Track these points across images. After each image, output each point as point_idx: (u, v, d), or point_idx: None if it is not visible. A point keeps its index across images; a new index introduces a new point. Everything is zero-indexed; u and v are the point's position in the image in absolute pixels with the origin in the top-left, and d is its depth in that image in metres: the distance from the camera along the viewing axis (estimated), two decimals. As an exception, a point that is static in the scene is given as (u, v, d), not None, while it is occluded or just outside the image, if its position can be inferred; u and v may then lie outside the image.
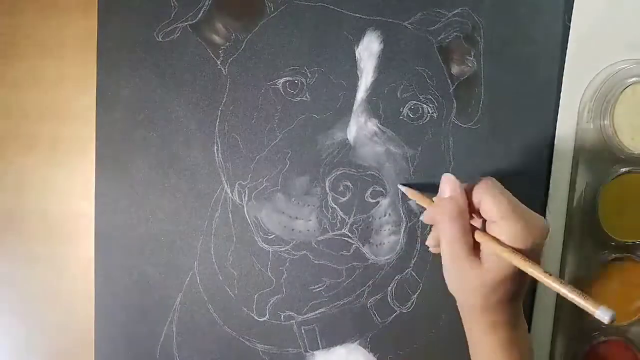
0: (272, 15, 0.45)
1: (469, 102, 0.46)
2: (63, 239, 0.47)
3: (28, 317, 0.48)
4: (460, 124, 0.46)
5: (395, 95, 0.45)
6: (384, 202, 0.44)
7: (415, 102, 0.45)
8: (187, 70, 0.45)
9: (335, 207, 0.43)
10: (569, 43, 0.46)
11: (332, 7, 0.45)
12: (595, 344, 0.48)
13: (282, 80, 0.45)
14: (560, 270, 0.48)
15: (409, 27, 0.45)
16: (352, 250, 0.45)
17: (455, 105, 0.46)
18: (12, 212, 0.47)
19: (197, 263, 0.47)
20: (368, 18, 0.45)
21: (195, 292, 0.47)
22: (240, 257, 0.47)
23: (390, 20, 0.45)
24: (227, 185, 0.46)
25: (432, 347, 0.48)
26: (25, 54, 0.46)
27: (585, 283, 0.47)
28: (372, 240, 0.45)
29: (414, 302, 0.47)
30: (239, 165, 0.45)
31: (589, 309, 0.31)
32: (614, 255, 0.47)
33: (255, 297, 0.47)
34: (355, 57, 0.44)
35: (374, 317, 0.48)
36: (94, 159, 0.46)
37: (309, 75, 0.44)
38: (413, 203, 0.46)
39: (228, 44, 0.45)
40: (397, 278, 0.47)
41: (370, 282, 0.47)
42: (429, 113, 0.45)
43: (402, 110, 0.45)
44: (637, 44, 0.46)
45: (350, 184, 0.43)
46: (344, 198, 0.43)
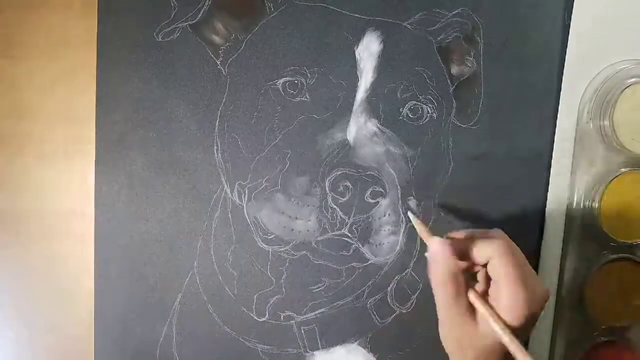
0: (272, 16, 0.45)
1: (469, 102, 0.46)
2: (63, 239, 0.47)
3: (28, 317, 0.47)
4: (460, 124, 0.46)
5: (395, 96, 0.45)
6: (384, 202, 0.44)
7: (415, 102, 0.45)
8: (187, 71, 0.45)
9: (335, 207, 0.43)
10: (569, 43, 0.46)
11: (332, 7, 0.45)
12: (595, 345, 0.48)
13: (282, 81, 0.45)
14: (560, 270, 0.48)
15: (409, 27, 0.45)
16: (351, 251, 0.45)
17: (455, 106, 0.46)
18: (11, 212, 0.47)
19: (196, 263, 0.47)
20: (368, 18, 0.45)
21: (195, 292, 0.47)
22: (240, 257, 0.47)
23: (390, 21, 0.45)
24: (226, 186, 0.46)
25: (431, 347, 0.48)
26: (25, 54, 0.46)
27: (585, 283, 0.47)
28: (371, 241, 0.45)
29: (414, 302, 0.47)
30: (239, 166, 0.45)
31: None
32: (614, 256, 0.47)
33: (255, 297, 0.47)
34: (355, 57, 0.44)
35: (374, 317, 0.48)
36: (94, 159, 0.46)
37: (309, 76, 0.44)
38: (413, 204, 0.46)
39: (228, 44, 0.45)
40: (396, 278, 0.47)
41: (370, 282, 0.47)
42: (429, 113, 0.45)
43: (401, 111, 0.45)
44: (637, 44, 0.46)
45: (350, 184, 0.43)
46: (344, 198, 0.43)
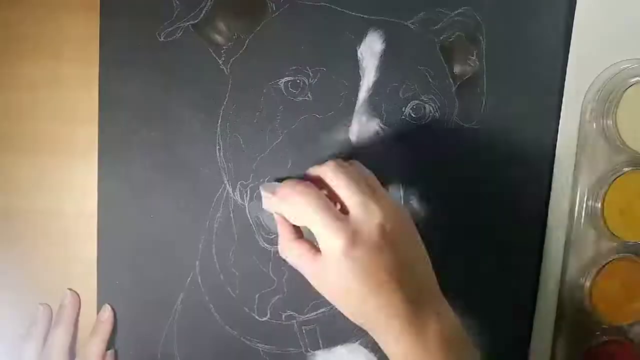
0: (274, 15, 0.45)
1: (471, 101, 0.46)
2: (65, 239, 0.47)
3: (29, 317, 0.47)
4: (463, 124, 0.46)
5: (398, 95, 0.45)
6: (386, 202, 0.44)
7: (418, 101, 0.45)
8: (189, 70, 0.45)
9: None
10: (572, 42, 0.46)
11: (334, 6, 0.44)
12: (597, 344, 0.48)
13: (284, 80, 0.44)
14: (563, 269, 0.48)
15: (411, 26, 0.45)
16: (353, 250, 0.45)
17: (458, 105, 0.46)
18: (12, 211, 0.47)
19: (198, 263, 0.47)
20: (370, 18, 0.44)
21: (197, 291, 0.47)
22: (242, 256, 0.47)
23: (393, 20, 0.45)
24: (228, 185, 0.46)
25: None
26: (27, 54, 0.46)
27: (588, 282, 0.47)
28: (374, 240, 0.45)
29: (416, 302, 0.47)
30: (241, 165, 0.45)
31: None
32: (617, 255, 0.47)
33: (257, 296, 0.47)
34: (358, 56, 0.44)
35: (376, 317, 0.47)
36: (97, 159, 0.46)
37: (311, 75, 0.44)
38: (415, 203, 0.46)
39: (230, 44, 0.45)
40: (398, 278, 0.47)
41: (372, 282, 0.47)
42: (431, 113, 0.45)
43: (404, 110, 0.45)
44: None
45: (352, 184, 0.43)
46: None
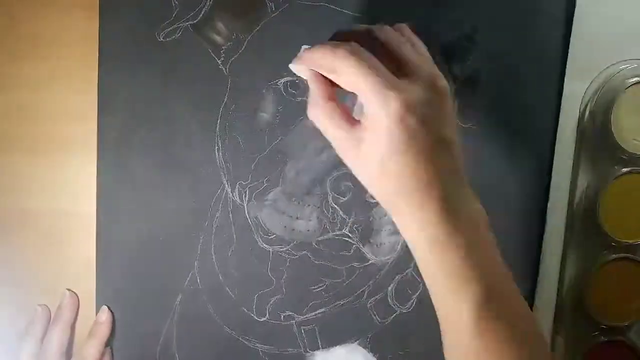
0: (273, 15, 0.45)
1: (469, 102, 0.46)
2: (64, 239, 0.47)
3: (26, 316, 0.47)
4: (461, 124, 0.46)
5: (396, 96, 0.45)
6: (385, 202, 0.44)
7: (416, 102, 0.45)
8: (188, 70, 0.45)
9: (336, 207, 0.43)
10: (571, 43, 0.46)
11: (333, 6, 0.45)
12: (596, 345, 0.48)
13: (283, 80, 0.44)
14: (561, 270, 0.48)
15: (410, 27, 0.45)
16: (352, 251, 0.45)
17: (456, 106, 0.46)
18: (12, 211, 0.47)
19: (197, 263, 0.47)
20: (369, 18, 0.44)
21: (196, 292, 0.47)
22: (241, 257, 0.47)
23: (392, 20, 0.45)
24: (227, 185, 0.46)
25: (432, 347, 0.48)
26: (27, 54, 0.46)
27: (586, 283, 0.47)
28: (372, 240, 0.45)
29: (414, 302, 0.47)
30: (240, 165, 0.45)
31: None
32: (615, 256, 0.47)
33: (256, 297, 0.47)
34: (356, 57, 0.44)
35: (374, 317, 0.47)
36: (95, 159, 0.46)
37: (310, 75, 0.44)
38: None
39: (229, 44, 0.45)
40: (397, 278, 0.47)
41: (371, 282, 0.47)
42: (430, 113, 0.45)
43: (402, 111, 0.45)
44: (639, 44, 0.46)
45: (351, 184, 0.43)
46: (345, 198, 0.43)
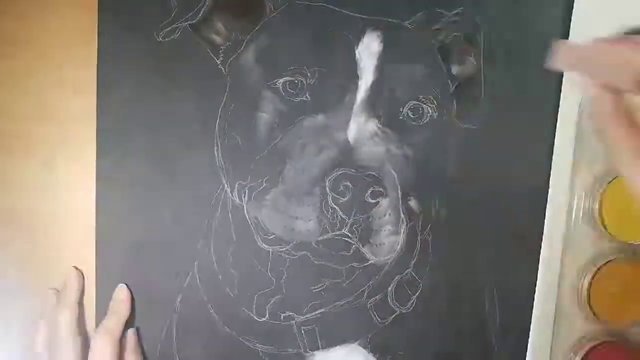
0: (272, 15, 0.45)
1: (469, 102, 0.46)
2: (63, 240, 0.47)
3: (29, 317, 0.47)
4: (461, 124, 0.46)
5: (396, 95, 0.45)
6: (384, 202, 0.44)
7: (416, 102, 0.45)
8: (187, 70, 0.45)
9: (335, 207, 0.43)
10: (570, 43, 0.46)
11: (332, 7, 0.45)
12: (595, 346, 0.48)
13: (282, 80, 0.44)
14: (561, 271, 0.48)
15: (410, 27, 0.45)
16: (352, 251, 0.45)
17: (456, 106, 0.46)
18: (11, 213, 0.47)
19: (197, 263, 0.47)
20: (368, 18, 0.44)
21: (195, 292, 0.47)
22: (240, 257, 0.47)
23: (391, 20, 0.45)
24: (227, 185, 0.46)
25: (432, 347, 0.48)
26: (25, 54, 0.46)
27: (586, 283, 0.47)
28: (372, 241, 0.45)
29: (414, 302, 0.47)
30: (239, 165, 0.45)
31: None
32: (615, 256, 0.47)
33: (255, 297, 0.47)
34: (356, 57, 0.44)
35: (374, 317, 0.47)
36: (94, 160, 0.46)
37: (309, 76, 0.44)
38: (413, 203, 0.46)
39: (228, 44, 0.45)
40: (397, 278, 0.47)
41: (370, 282, 0.47)
42: (429, 113, 0.45)
43: (402, 110, 0.45)
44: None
45: (351, 184, 0.43)
46: (344, 198, 0.43)
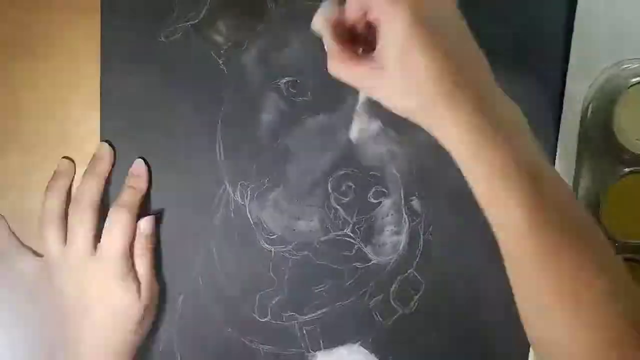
0: (274, 15, 0.45)
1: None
2: (65, 239, 0.47)
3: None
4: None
5: (398, 95, 0.44)
6: (387, 202, 0.44)
7: (418, 102, 0.45)
8: (189, 70, 0.45)
9: (338, 207, 0.43)
10: (572, 42, 0.45)
11: (334, 6, 0.44)
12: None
13: (284, 80, 0.44)
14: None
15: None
16: (354, 251, 0.45)
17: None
18: (13, 212, 0.47)
19: (199, 263, 0.47)
20: (370, 18, 0.44)
21: (197, 292, 0.47)
22: (243, 257, 0.47)
23: (393, 20, 0.45)
24: (229, 186, 0.46)
25: (434, 348, 0.48)
26: (27, 54, 0.46)
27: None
28: (374, 241, 0.45)
29: (416, 302, 0.47)
30: (241, 165, 0.45)
31: None
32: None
33: (257, 297, 0.47)
34: (358, 56, 0.44)
35: (376, 317, 0.47)
36: (96, 159, 0.46)
37: (312, 75, 0.44)
38: (416, 203, 0.46)
39: (230, 44, 0.45)
40: (399, 279, 0.47)
41: (372, 282, 0.47)
42: (432, 113, 0.45)
43: (404, 110, 0.45)
44: (641, 44, 0.46)
45: (353, 184, 0.43)
46: (347, 198, 0.43)
